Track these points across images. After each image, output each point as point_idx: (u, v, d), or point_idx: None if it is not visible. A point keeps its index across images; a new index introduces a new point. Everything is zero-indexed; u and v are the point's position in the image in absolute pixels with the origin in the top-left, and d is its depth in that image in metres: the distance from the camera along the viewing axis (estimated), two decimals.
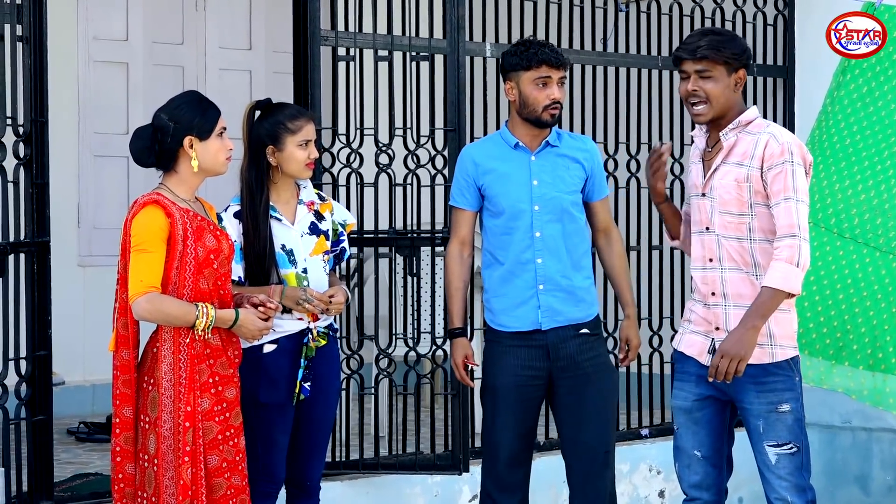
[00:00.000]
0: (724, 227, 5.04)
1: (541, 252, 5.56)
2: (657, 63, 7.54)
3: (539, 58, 5.51)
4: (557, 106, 5.54)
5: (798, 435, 5.02)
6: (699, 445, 5.13)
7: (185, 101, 5.04)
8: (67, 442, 7.70)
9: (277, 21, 9.10)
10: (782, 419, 5.00)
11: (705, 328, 5.10)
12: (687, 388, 5.15)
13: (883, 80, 7.16)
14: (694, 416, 5.13)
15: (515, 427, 5.59)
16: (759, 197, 4.98)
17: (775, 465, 5.01)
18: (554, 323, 5.56)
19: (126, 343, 4.91)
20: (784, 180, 4.93)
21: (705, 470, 5.13)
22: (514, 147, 5.60)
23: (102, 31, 8.92)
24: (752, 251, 5.01)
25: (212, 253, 4.96)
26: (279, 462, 5.36)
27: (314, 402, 5.38)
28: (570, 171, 5.60)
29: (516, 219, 5.58)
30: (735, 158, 5.02)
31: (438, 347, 6.61)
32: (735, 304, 5.02)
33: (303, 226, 5.41)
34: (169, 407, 4.87)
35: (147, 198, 4.92)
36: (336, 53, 6.44)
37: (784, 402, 5.00)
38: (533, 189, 5.56)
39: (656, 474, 7.36)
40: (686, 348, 5.17)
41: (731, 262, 5.03)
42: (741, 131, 5.04)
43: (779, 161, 4.94)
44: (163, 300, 4.84)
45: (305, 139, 5.37)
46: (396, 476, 6.57)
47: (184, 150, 4.97)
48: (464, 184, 5.65)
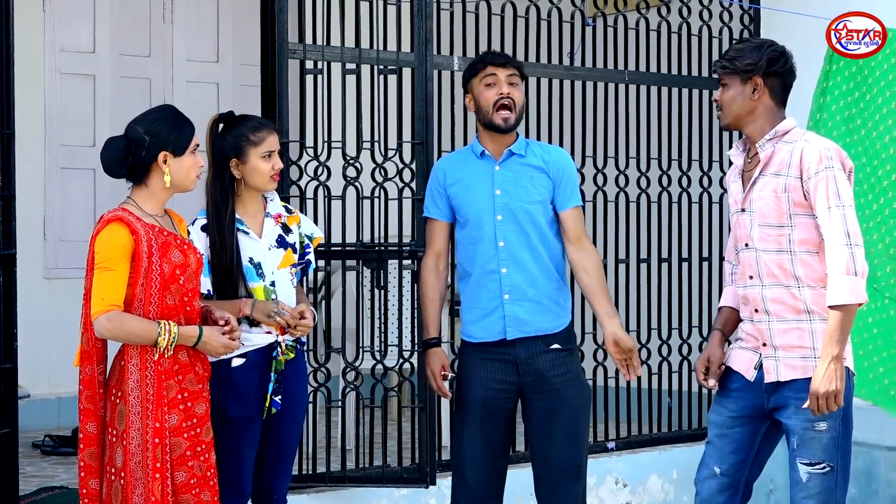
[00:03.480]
0: (764, 241, 4.93)
1: (505, 261, 5.52)
2: (624, 77, 7.51)
3: (483, 60, 5.60)
4: (508, 101, 5.51)
5: (833, 454, 4.87)
6: (720, 462, 5.05)
7: (162, 116, 5.00)
8: (33, 455, 7.66)
9: (245, 34, 9.09)
10: (818, 438, 4.86)
11: (753, 344, 5.02)
12: (726, 403, 5.07)
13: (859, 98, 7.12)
14: (724, 432, 5.05)
15: (483, 439, 5.56)
16: (798, 207, 4.88)
17: (805, 483, 4.89)
18: (520, 333, 5.51)
19: (90, 359, 4.88)
20: (827, 188, 4.81)
21: (719, 487, 5.05)
22: (479, 156, 5.59)
23: (69, 43, 8.88)
24: (792, 263, 4.90)
25: (178, 268, 4.91)
26: (246, 476, 5.30)
27: (282, 415, 5.33)
28: (533, 180, 5.55)
29: (480, 228, 5.55)
30: (773, 169, 4.93)
31: (405, 360, 6.56)
32: (778, 318, 4.93)
33: (270, 238, 5.36)
34: (136, 423, 4.81)
35: (112, 214, 4.87)
36: (304, 66, 6.41)
37: (822, 420, 4.85)
38: (496, 198, 5.53)
39: (622, 487, 7.33)
40: (734, 363, 5.08)
41: (770, 277, 4.92)
42: (778, 141, 4.96)
43: (819, 168, 4.83)
44: (123, 318, 4.79)
45: (269, 150, 5.33)
46: (363, 489, 6.52)
47: (157, 164, 4.93)
48: (435, 194, 5.66)
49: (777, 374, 4.94)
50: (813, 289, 4.89)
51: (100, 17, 9.02)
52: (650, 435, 7.71)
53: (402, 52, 6.59)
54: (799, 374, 4.90)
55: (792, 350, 4.92)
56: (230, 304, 5.21)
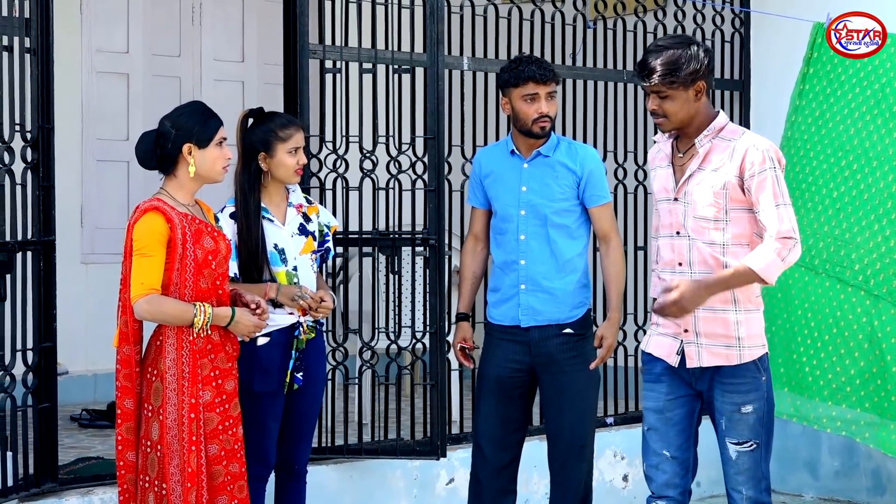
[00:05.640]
0: (698, 232, 4.81)
1: (524, 254, 5.58)
2: (623, 76, 7.54)
3: (525, 75, 5.53)
4: (546, 119, 5.54)
5: (759, 432, 4.85)
6: (668, 446, 4.92)
7: (189, 111, 5.05)
8: (71, 428, 7.67)
9: (269, 35, 9.08)
10: (744, 419, 4.83)
11: (674, 330, 4.88)
12: (658, 388, 4.94)
13: (833, 102, 7.15)
14: (665, 416, 4.93)
15: (498, 414, 5.61)
16: (735, 202, 4.78)
17: (735, 460, 4.87)
18: (533, 321, 5.56)
19: (127, 339, 4.92)
20: (772, 187, 4.73)
21: (673, 470, 4.92)
22: (510, 153, 5.64)
23: (105, 44, 8.88)
24: (724, 254, 4.79)
25: (209, 254, 4.95)
26: (271, 447, 5.37)
27: (303, 390, 5.39)
28: (559, 179, 5.57)
29: (506, 221, 5.61)
30: (711, 165, 4.81)
31: (418, 341, 6.61)
32: (704, 307, 4.77)
33: (292, 226, 5.43)
34: (173, 399, 4.86)
35: (148, 204, 4.91)
36: (323, 66, 6.44)
37: (748, 402, 4.82)
38: (521, 194, 5.58)
39: (620, 459, 7.37)
40: (654, 350, 4.96)
41: (703, 265, 4.80)
42: (714, 137, 4.84)
43: (761, 169, 4.74)
44: (161, 301, 4.84)
45: (295, 146, 5.38)
46: (378, 460, 6.57)
47: (183, 156, 4.97)
48: (474, 183, 5.75)
49: (699, 360, 4.85)
50: None
51: (133, 19, 9.00)
52: None
53: (415, 53, 6.63)
54: (722, 361, 4.82)
55: (717, 338, 4.83)
56: (256, 287, 5.27)
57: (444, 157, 6.63)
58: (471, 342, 5.75)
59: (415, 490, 6.70)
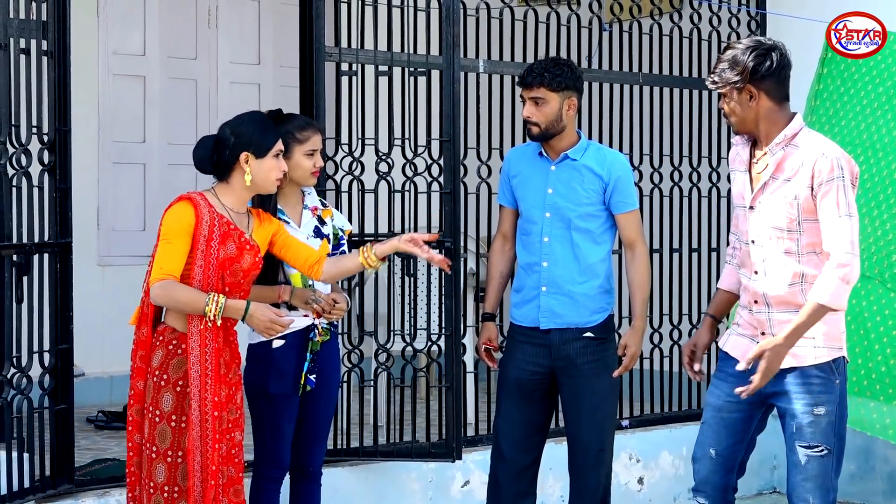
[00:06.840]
0: (772, 241, 4.77)
1: (547, 256, 5.50)
2: (638, 79, 7.50)
3: (520, 79, 5.53)
4: (531, 123, 5.46)
5: (830, 438, 4.73)
6: (716, 444, 4.88)
7: (250, 119, 5.01)
8: (87, 429, 7.66)
9: (284, 38, 9.07)
10: (817, 422, 4.72)
11: (751, 332, 4.84)
12: (723, 387, 4.88)
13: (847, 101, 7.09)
14: (722, 416, 4.88)
15: (518, 416, 5.54)
16: (807, 213, 4.70)
17: (804, 465, 4.74)
18: (553, 324, 5.48)
19: (146, 321, 4.93)
20: (836, 197, 4.64)
21: (715, 468, 4.88)
22: (539, 155, 5.57)
23: (121, 47, 8.88)
24: (799, 264, 4.72)
25: (228, 260, 4.90)
26: (285, 449, 5.33)
27: (317, 393, 5.36)
28: (585, 183, 5.48)
29: (531, 222, 5.55)
30: (784, 174, 4.74)
31: (433, 343, 6.57)
32: (779, 310, 4.75)
33: (308, 229, 5.38)
34: (197, 397, 4.81)
35: (185, 194, 4.91)
36: (339, 68, 6.42)
37: (821, 404, 4.71)
38: (546, 197, 5.51)
39: (636, 462, 7.33)
40: (731, 349, 4.90)
41: (775, 275, 4.76)
42: (787, 145, 4.75)
43: (829, 178, 4.65)
44: (175, 287, 4.80)
45: (312, 149, 5.33)
46: (394, 463, 6.53)
47: (239, 164, 4.93)
48: (504, 183, 5.67)
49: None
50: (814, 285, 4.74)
51: (149, 21, 9.01)
52: (662, 413, 7.70)
53: (430, 56, 6.59)
54: (794, 363, 4.72)
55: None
56: (270, 289, 5.23)
57: (460, 160, 6.59)
58: (496, 342, 5.68)
59: (430, 492, 6.64)
